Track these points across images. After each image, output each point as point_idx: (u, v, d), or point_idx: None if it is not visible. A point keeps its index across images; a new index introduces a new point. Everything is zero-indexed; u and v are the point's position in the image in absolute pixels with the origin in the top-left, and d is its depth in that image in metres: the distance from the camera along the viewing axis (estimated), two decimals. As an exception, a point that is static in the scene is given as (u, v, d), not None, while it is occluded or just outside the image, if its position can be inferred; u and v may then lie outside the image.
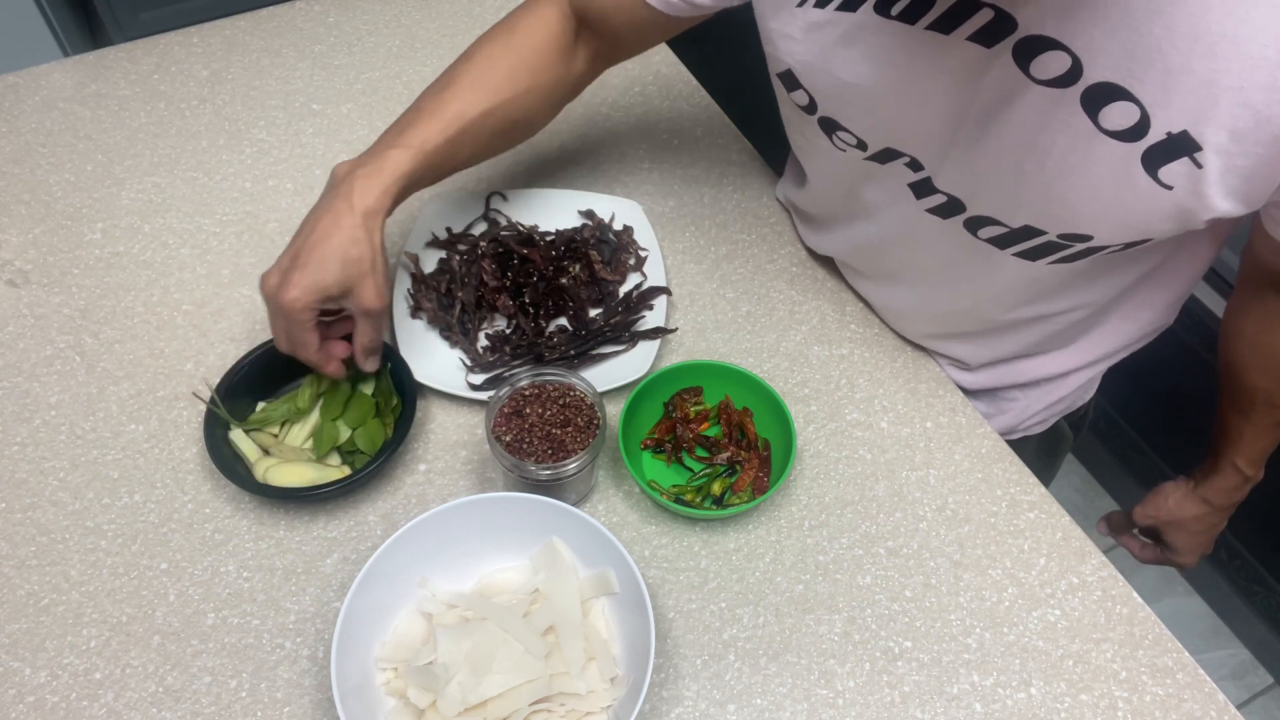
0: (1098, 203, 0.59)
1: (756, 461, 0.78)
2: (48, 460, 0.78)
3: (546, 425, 0.73)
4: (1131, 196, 0.57)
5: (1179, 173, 0.55)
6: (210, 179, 1.00)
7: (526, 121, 0.80)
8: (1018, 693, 0.69)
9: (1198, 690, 0.69)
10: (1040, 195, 0.62)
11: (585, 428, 0.73)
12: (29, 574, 0.72)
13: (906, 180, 0.72)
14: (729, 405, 0.81)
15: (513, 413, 0.74)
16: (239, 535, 0.75)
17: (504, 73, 0.75)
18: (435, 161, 0.73)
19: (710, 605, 0.72)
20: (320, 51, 1.14)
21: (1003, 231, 0.67)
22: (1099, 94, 0.55)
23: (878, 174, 0.74)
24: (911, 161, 0.70)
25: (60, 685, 0.67)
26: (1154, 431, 1.72)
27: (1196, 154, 0.54)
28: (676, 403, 0.81)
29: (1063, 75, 0.56)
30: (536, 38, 0.77)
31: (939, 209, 0.71)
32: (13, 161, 1.01)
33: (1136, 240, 0.62)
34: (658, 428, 0.81)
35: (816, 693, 0.68)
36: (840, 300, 0.92)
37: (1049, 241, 0.65)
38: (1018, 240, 0.67)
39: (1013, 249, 0.68)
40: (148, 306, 0.89)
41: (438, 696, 0.63)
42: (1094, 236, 0.62)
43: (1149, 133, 0.54)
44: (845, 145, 0.73)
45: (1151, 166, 0.56)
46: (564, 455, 0.71)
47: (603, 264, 0.89)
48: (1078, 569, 0.75)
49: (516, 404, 0.74)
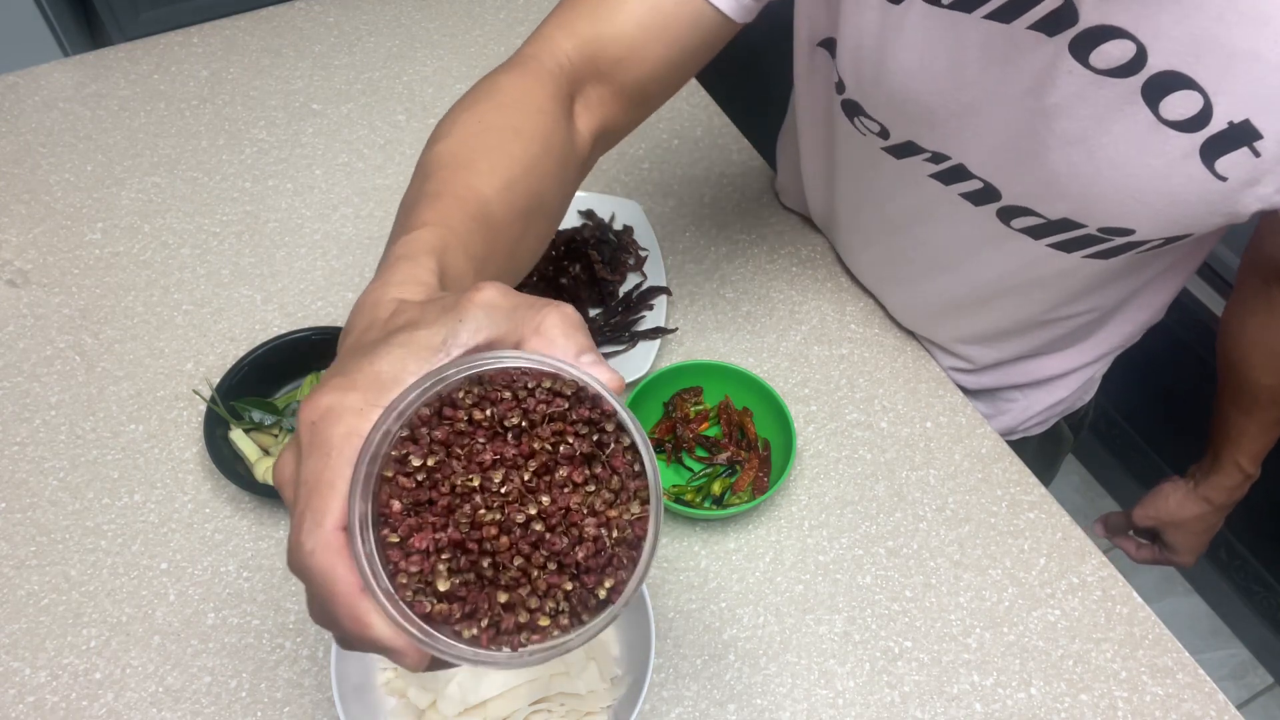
0: (1147, 196, 0.58)
1: (756, 461, 0.78)
2: (48, 460, 0.78)
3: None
4: (1184, 189, 0.57)
5: (1236, 163, 0.54)
6: (210, 179, 1.00)
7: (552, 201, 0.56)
8: (1018, 693, 0.69)
9: (1198, 690, 0.69)
10: (1086, 188, 0.60)
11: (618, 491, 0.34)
12: (29, 574, 0.72)
13: (928, 173, 0.71)
14: (729, 405, 0.81)
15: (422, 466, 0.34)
16: (239, 535, 0.75)
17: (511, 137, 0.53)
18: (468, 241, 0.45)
19: (710, 605, 0.72)
20: (320, 51, 1.14)
21: (1039, 222, 0.66)
22: (1161, 83, 0.54)
23: (892, 164, 0.73)
24: (933, 156, 0.69)
25: (60, 685, 0.67)
26: (1154, 431, 1.72)
27: (1256, 143, 0.53)
28: (676, 403, 0.81)
29: (1125, 65, 0.54)
30: (532, 98, 0.57)
31: (972, 195, 0.69)
32: (13, 161, 1.01)
33: (1178, 235, 0.61)
34: (658, 428, 0.81)
35: (816, 693, 0.68)
36: (840, 300, 0.92)
37: (1087, 235, 0.64)
38: (1054, 232, 0.66)
39: (1048, 240, 0.67)
40: (148, 306, 0.89)
41: (438, 696, 0.63)
42: (1136, 230, 0.61)
43: (1210, 122, 0.53)
44: (866, 131, 0.72)
45: (1210, 157, 0.55)
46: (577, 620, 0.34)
47: (603, 264, 0.89)
48: (1078, 569, 0.75)
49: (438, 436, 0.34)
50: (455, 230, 0.45)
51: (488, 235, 0.47)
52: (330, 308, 0.89)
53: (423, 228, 0.44)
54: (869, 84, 0.68)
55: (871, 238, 0.85)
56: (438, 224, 0.44)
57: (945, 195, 0.71)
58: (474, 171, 0.49)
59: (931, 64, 0.63)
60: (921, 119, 0.67)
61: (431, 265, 0.41)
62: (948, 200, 0.71)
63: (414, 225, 0.44)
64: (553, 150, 0.55)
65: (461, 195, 0.47)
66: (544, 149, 0.54)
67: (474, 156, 0.51)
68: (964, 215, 0.71)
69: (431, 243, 0.43)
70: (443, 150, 0.51)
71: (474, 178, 0.49)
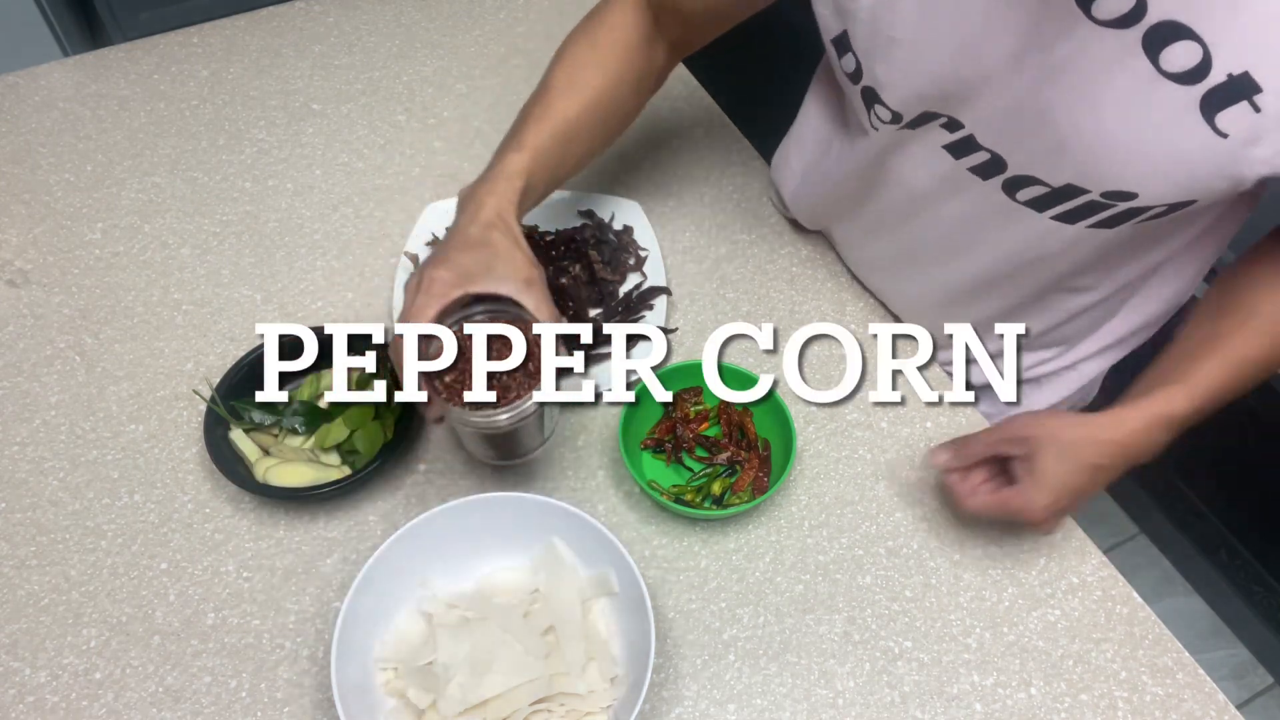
0: (1149, 154, 0.58)
1: (756, 461, 0.78)
2: (48, 460, 0.78)
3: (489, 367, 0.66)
4: (1186, 146, 0.57)
5: (1236, 119, 0.55)
6: (210, 179, 1.00)
7: (621, 114, 0.82)
8: (1018, 693, 0.69)
9: (1198, 690, 0.69)
10: (1089, 147, 0.61)
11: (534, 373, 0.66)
12: (29, 574, 0.72)
13: (942, 142, 0.71)
14: (729, 405, 0.81)
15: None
16: (239, 535, 0.75)
17: (594, 69, 0.77)
18: (549, 162, 0.73)
19: (710, 605, 0.72)
20: (320, 51, 1.14)
21: (1043, 192, 0.66)
22: (1161, 33, 0.54)
23: (911, 142, 0.73)
24: (949, 122, 0.69)
25: (60, 685, 0.67)
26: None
27: (1256, 96, 0.53)
28: (676, 403, 0.81)
29: (1126, 14, 0.55)
30: (618, 33, 0.78)
31: (980, 168, 0.69)
32: (13, 161, 1.01)
33: (1182, 201, 0.61)
34: (657, 428, 0.81)
35: (816, 693, 0.68)
36: (840, 300, 0.92)
37: (1091, 201, 0.63)
38: (1058, 201, 0.65)
39: (1052, 211, 0.67)
40: (148, 306, 0.89)
41: (438, 696, 0.63)
42: (1139, 194, 0.61)
43: (1209, 74, 0.54)
44: (879, 123, 0.72)
45: (1210, 111, 0.55)
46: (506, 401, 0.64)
47: (603, 264, 0.89)
48: (1078, 569, 0.75)
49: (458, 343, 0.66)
50: (543, 152, 0.72)
51: (569, 146, 0.75)
52: (330, 308, 0.89)
53: (521, 151, 0.71)
54: (879, 58, 0.68)
55: (883, 227, 0.84)
56: (533, 148, 0.71)
57: (955, 171, 0.71)
58: (567, 97, 0.75)
59: (936, 29, 0.64)
60: (932, 92, 0.67)
61: (520, 185, 0.69)
62: (957, 176, 0.72)
63: (517, 146, 0.71)
64: (631, 73, 0.79)
65: (554, 119, 0.74)
66: (623, 73, 0.78)
67: (570, 84, 0.76)
68: (973, 192, 0.71)
69: (524, 166, 0.70)
70: (550, 78, 0.77)
71: (566, 102, 0.75)
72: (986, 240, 0.75)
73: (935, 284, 0.83)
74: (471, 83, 1.11)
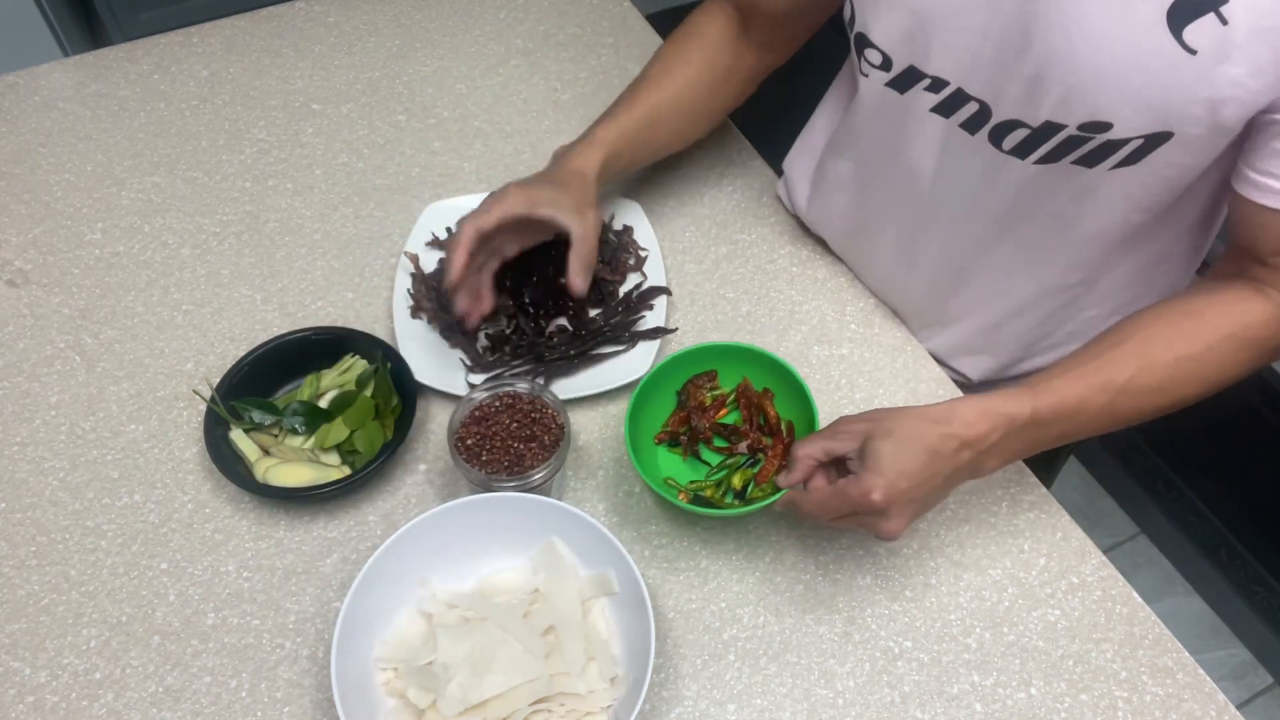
0: (1121, 76, 0.59)
1: (781, 448, 0.75)
2: (48, 460, 0.78)
3: (510, 439, 0.73)
4: (1156, 64, 0.57)
5: (1204, 32, 0.55)
6: (210, 179, 1.00)
7: (706, 109, 0.91)
8: (1018, 693, 0.69)
9: (1198, 690, 0.69)
10: (1066, 75, 0.61)
11: (551, 445, 0.72)
12: (29, 574, 0.72)
13: (929, 105, 0.72)
14: (748, 388, 0.78)
15: (476, 420, 0.74)
16: (239, 535, 0.75)
17: (681, 65, 0.87)
18: (634, 141, 0.85)
19: (710, 605, 0.72)
20: (320, 51, 1.14)
21: (1025, 135, 0.67)
22: None
23: (903, 114, 0.74)
24: (932, 82, 0.70)
25: (60, 685, 0.67)
26: (1153, 431, 1.72)
27: (1223, 8, 0.54)
28: (690, 390, 0.78)
29: None
30: (707, 34, 0.88)
31: (969, 122, 0.70)
32: (13, 161, 1.01)
33: (1157, 132, 0.61)
34: (671, 420, 0.79)
35: (816, 693, 0.68)
36: (840, 300, 0.92)
37: (1070, 137, 0.64)
38: (1039, 142, 0.66)
39: (1034, 155, 0.67)
40: (148, 306, 0.89)
41: (438, 696, 0.63)
42: (1114, 124, 0.61)
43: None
44: (869, 68, 0.74)
45: (1177, 24, 0.56)
46: (521, 470, 0.71)
47: (603, 264, 0.89)
48: (1078, 569, 0.75)
49: (484, 412, 0.74)
50: (629, 130, 0.84)
51: (653, 129, 0.86)
52: (330, 307, 0.89)
53: (610, 126, 0.84)
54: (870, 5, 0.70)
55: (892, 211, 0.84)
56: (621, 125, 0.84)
57: (947, 130, 0.72)
58: (657, 87, 0.86)
59: None
60: (916, 30, 0.68)
61: (604, 153, 0.81)
62: (948, 135, 0.73)
63: (608, 121, 0.84)
64: (715, 71, 0.88)
65: (643, 104, 0.85)
66: (707, 71, 0.88)
67: (660, 76, 0.87)
68: (964, 150, 0.72)
69: (611, 139, 0.83)
70: (646, 70, 0.88)
71: (655, 92, 0.86)
72: (980, 199, 0.75)
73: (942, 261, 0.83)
74: (471, 83, 1.11)
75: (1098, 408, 0.66)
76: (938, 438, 0.63)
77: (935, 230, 0.81)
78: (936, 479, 0.64)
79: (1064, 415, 0.65)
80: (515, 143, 1.04)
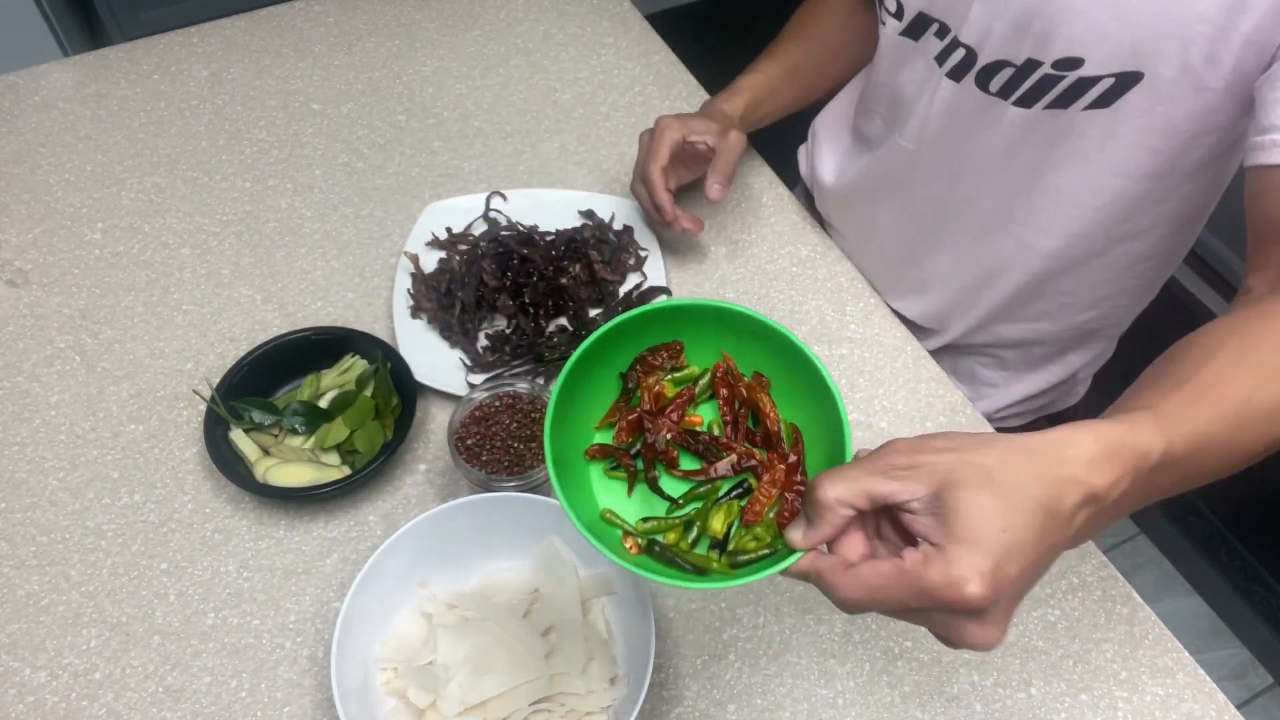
0: (1091, 11, 0.63)
1: (783, 469, 0.48)
2: (48, 460, 0.78)
3: (510, 438, 0.73)
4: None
5: None
6: (210, 179, 1.00)
7: (837, 64, 0.98)
8: (1018, 693, 0.69)
9: (1198, 690, 0.69)
10: (1043, 8, 0.65)
11: None
12: (29, 574, 0.72)
13: (934, 53, 0.76)
14: (730, 370, 0.50)
15: (476, 420, 0.74)
16: (239, 535, 0.75)
17: (815, 24, 0.96)
18: (775, 88, 0.94)
19: (710, 605, 0.72)
20: (320, 51, 1.14)
21: (1009, 75, 0.70)
22: None
23: (911, 54, 0.79)
24: (939, 28, 0.75)
25: (60, 685, 0.67)
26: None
27: None
28: (639, 372, 0.50)
29: None
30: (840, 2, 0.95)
31: (956, 68, 0.75)
32: (13, 161, 1.01)
33: (1128, 71, 0.64)
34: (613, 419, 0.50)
35: (816, 693, 0.68)
36: (840, 300, 0.92)
37: (1045, 76, 0.68)
38: (1020, 81, 0.70)
39: (1015, 95, 0.71)
40: (148, 306, 0.89)
41: (438, 696, 0.63)
42: (1085, 59, 0.65)
43: None
44: (886, 16, 0.80)
45: None
46: (521, 470, 0.72)
47: (603, 264, 0.89)
48: (1078, 569, 0.75)
49: (484, 412, 0.74)
50: (771, 79, 0.94)
51: (793, 78, 0.96)
52: (330, 307, 0.89)
53: (754, 75, 0.94)
54: None
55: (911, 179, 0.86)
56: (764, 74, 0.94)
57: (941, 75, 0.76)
58: (795, 42, 0.96)
59: None
60: None
61: (746, 99, 0.92)
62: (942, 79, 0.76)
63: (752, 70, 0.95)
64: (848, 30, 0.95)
65: (782, 57, 0.95)
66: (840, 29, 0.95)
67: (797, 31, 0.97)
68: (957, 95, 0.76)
69: (754, 85, 0.93)
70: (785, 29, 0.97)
71: (793, 46, 0.96)
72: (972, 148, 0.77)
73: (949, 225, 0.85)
74: (471, 83, 1.11)
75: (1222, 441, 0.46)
76: (1055, 484, 0.39)
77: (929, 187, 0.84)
78: (1052, 554, 0.41)
79: (1194, 451, 0.44)
80: (515, 143, 1.04)
